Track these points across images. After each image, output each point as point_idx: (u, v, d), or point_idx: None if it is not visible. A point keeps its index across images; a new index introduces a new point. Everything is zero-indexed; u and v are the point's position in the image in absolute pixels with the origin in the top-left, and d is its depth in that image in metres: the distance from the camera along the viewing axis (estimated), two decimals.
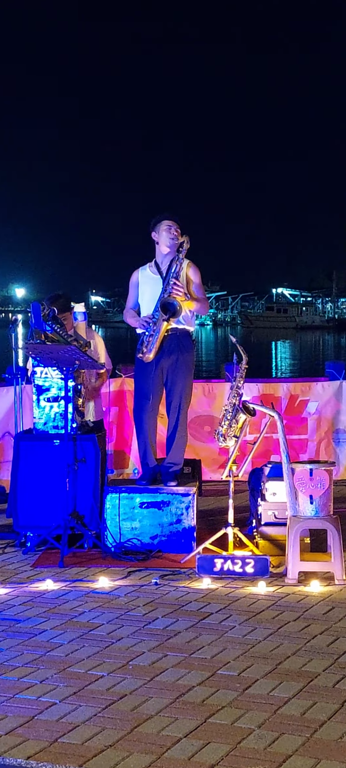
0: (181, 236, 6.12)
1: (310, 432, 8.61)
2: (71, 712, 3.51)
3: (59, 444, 6.11)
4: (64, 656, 4.12)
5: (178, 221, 6.20)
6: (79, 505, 6.11)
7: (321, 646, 4.22)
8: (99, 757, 3.15)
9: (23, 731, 3.35)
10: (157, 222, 6.20)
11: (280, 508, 5.81)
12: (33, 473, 6.20)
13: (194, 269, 6.19)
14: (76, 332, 6.36)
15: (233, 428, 5.76)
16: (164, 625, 4.53)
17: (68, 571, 5.55)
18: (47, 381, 6.19)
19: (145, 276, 6.26)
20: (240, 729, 3.36)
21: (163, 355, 6.08)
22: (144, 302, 6.22)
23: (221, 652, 4.17)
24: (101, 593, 5.09)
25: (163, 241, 6.16)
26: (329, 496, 5.40)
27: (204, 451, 8.44)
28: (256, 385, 8.63)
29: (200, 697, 3.66)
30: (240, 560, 5.40)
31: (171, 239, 6.13)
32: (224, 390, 8.34)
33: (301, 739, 3.27)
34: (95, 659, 4.08)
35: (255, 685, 3.77)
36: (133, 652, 4.17)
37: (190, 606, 4.86)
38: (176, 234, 6.14)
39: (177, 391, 6.12)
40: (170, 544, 5.94)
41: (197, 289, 6.20)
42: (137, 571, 5.55)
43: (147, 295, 6.19)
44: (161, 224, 6.18)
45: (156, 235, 6.21)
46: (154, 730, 3.36)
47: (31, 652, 4.17)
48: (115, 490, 6.05)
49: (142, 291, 6.25)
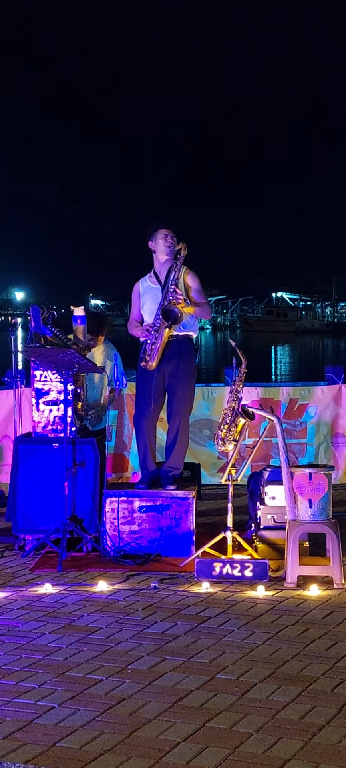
0: (177, 243, 6.13)
1: (309, 436, 8.61)
2: (70, 716, 3.51)
3: (58, 448, 6.10)
4: (63, 660, 4.12)
5: (174, 229, 6.21)
6: (78, 509, 6.10)
7: (320, 650, 4.22)
8: (97, 762, 3.14)
9: (21, 735, 3.35)
10: (153, 231, 6.20)
11: (279, 512, 5.81)
12: (32, 477, 6.19)
13: (192, 275, 6.20)
14: (75, 336, 6.36)
15: (233, 432, 5.75)
16: (163, 629, 4.53)
17: (67, 574, 5.55)
18: (47, 384, 6.19)
19: (145, 287, 6.28)
20: (239, 733, 3.35)
21: (164, 361, 6.09)
22: (146, 312, 6.23)
23: (219, 656, 4.16)
24: (100, 597, 5.08)
25: (161, 250, 6.17)
26: (328, 500, 5.40)
27: (203, 454, 8.44)
28: (255, 389, 8.63)
29: (198, 701, 3.66)
30: (239, 564, 5.40)
31: (168, 247, 6.14)
32: (224, 394, 8.34)
33: (300, 743, 3.26)
34: (94, 663, 4.08)
35: (254, 690, 3.77)
36: (132, 656, 4.17)
37: (189, 610, 4.85)
38: (173, 242, 6.15)
39: (178, 396, 6.12)
40: (169, 548, 5.94)
41: (196, 294, 6.20)
42: (136, 574, 5.54)
43: (148, 305, 6.20)
44: (158, 233, 6.19)
45: (153, 244, 6.22)
46: (152, 734, 3.36)
47: (30, 656, 4.17)
48: (114, 494, 6.05)
49: (143, 302, 6.26)
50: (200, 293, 6.26)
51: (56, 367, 6.05)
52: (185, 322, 6.11)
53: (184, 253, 6.08)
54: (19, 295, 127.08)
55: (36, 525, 6.13)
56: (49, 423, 6.21)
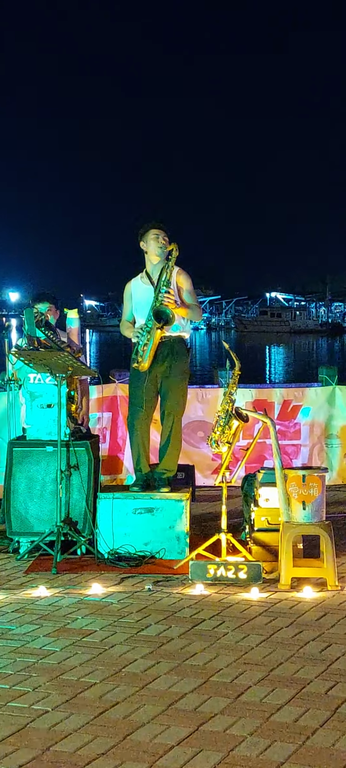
0: (169, 244, 6.12)
1: (303, 437, 8.63)
2: (63, 720, 3.50)
3: (52, 450, 6.10)
4: (57, 664, 4.12)
5: (165, 229, 6.20)
6: (73, 512, 6.10)
7: (314, 653, 4.23)
8: (91, 765, 3.14)
9: (15, 740, 3.34)
10: (144, 232, 6.20)
11: (273, 514, 5.81)
12: (26, 479, 6.19)
13: (185, 276, 6.19)
14: (69, 338, 6.36)
15: (226, 434, 5.76)
16: (157, 632, 4.53)
17: (61, 577, 5.54)
18: (40, 387, 6.19)
19: (137, 287, 6.27)
20: (233, 736, 3.36)
21: (156, 362, 6.08)
22: (138, 313, 6.23)
23: (213, 659, 4.17)
24: (94, 600, 5.08)
25: (152, 251, 6.17)
26: (321, 502, 5.41)
27: (197, 456, 8.44)
28: (249, 390, 8.64)
29: (192, 704, 3.66)
30: (233, 566, 5.40)
31: (159, 248, 6.14)
32: (218, 395, 8.34)
33: (293, 746, 3.27)
34: (88, 666, 4.08)
35: (248, 692, 3.77)
36: (126, 659, 4.17)
37: (183, 612, 4.86)
38: (164, 242, 6.14)
39: (171, 397, 6.12)
40: (163, 550, 5.94)
41: (188, 295, 6.20)
42: (130, 577, 5.55)
43: (141, 306, 6.19)
44: (149, 233, 6.18)
45: (144, 245, 6.22)
46: (146, 738, 3.36)
47: (24, 659, 4.16)
48: (108, 497, 6.05)
49: (135, 302, 6.26)
50: (192, 294, 6.25)
51: (50, 370, 6.05)
52: (178, 323, 6.10)
53: (175, 253, 6.08)
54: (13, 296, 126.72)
55: (30, 528, 6.13)
56: (42, 426, 6.20)
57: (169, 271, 6.07)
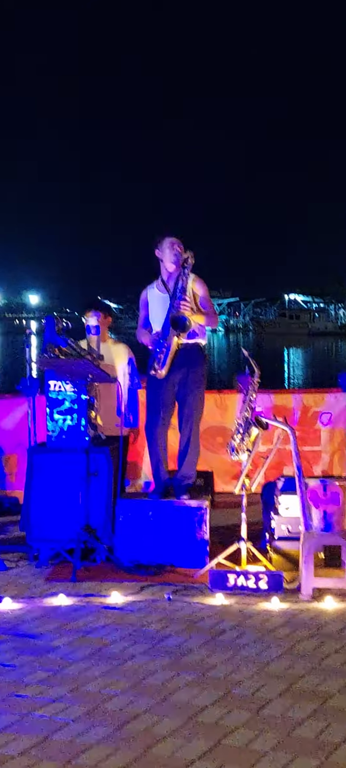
0: (184, 252, 6.12)
1: (323, 443, 8.57)
2: (84, 733, 3.50)
3: (72, 457, 6.10)
4: (77, 674, 4.11)
5: (181, 237, 6.21)
6: (92, 519, 6.10)
7: (336, 665, 4.19)
8: None
9: (36, 752, 3.34)
10: (160, 240, 6.21)
11: (293, 523, 5.78)
12: (46, 486, 6.20)
13: (200, 283, 6.19)
14: (89, 345, 6.36)
15: (246, 442, 5.74)
16: (177, 643, 4.52)
17: (81, 585, 5.54)
18: (60, 394, 6.20)
19: (153, 295, 6.29)
20: (254, 751, 3.33)
21: (174, 370, 6.09)
22: (155, 321, 6.24)
23: (234, 670, 4.15)
24: (114, 609, 5.07)
25: (168, 258, 6.17)
26: (342, 512, 5.37)
27: (216, 461, 8.40)
28: (268, 395, 8.60)
29: (213, 717, 3.64)
30: (253, 576, 5.38)
31: (175, 256, 6.14)
32: (236, 401, 8.32)
33: (315, 761, 3.24)
34: (108, 677, 4.07)
35: (269, 706, 3.75)
36: (146, 670, 4.16)
37: (203, 623, 4.84)
38: (180, 250, 6.15)
39: (188, 404, 6.12)
40: (183, 559, 5.92)
41: (204, 302, 6.20)
42: (150, 585, 5.53)
43: (157, 313, 6.20)
44: (164, 241, 6.19)
45: (160, 252, 6.23)
46: (167, 751, 3.34)
47: (44, 669, 4.16)
48: (127, 504, 6.04)
49: (151, 310, 6.27)
50: (208, 301, 6.25)
51: (70, 377, 6.06)
52: (194, 330, 6.11)
53: (191, 261, 6.08)
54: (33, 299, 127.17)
55: (50, 534, 6.13)
56: (63, 432, 6.22)
57: (185, 278, 6.08)
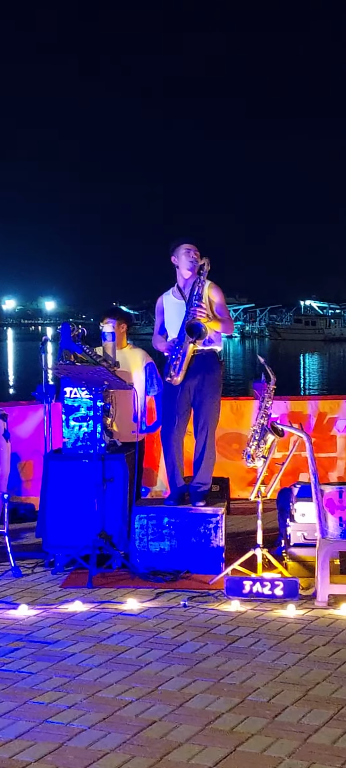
0: (200, 258, 6.13)
1: (339, 450, 8.55)
2: (100, 739, 3.51)
3: (88, 464, 6.12)
4: (93, 681, 4.12)
5: (196, 244, 6.21)
6: (108, 525, 6.11)
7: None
8: None
9: (53, 759, 3.35)
10: (176, 246, 6.22)
11: (309, 530, 5.76)
12: (62, 493, 6.22)
13: (216, 290, 6.20)
14: (105, 352, 6.38)
15: (262, 449, 5.73)
16: (193, 649, 4.52)
17: (97, 592, 5.56)
18: (76, 401, 6.23)
19: (169, 302, 6.30)
20: (270, 758, 3.33)
21: (189, 376, 6.10)
22: (171, 328, 6.25)
23: (250, 677, 4.14)
24: (130, 615, 5.08)
25: (184, 265, 6.18)
26: None
27: (232, 468, 8.39)
28: (284, 402, 8.59)
29: (229, 724, 3.64)
30: (269, 582, 5.37)
31: (191, 262, 6.15)
32: (252, 407, 8.31)
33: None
34: (124, 684, 4.08)
35: (285, 713, 3.74)
36: (162, 677, 4.16)
37: (219, 629, 4.83)
38: (196, 257, 6.15)
39: (204, 411, 6.12)
40: (199, 565, 5.92)
41: (220, 309, 6.21)
42: (166, 592, 5.54)
43: (173, 320, 6.22)
44: (180, 248, 6.20)
45: (176, 259, 6.23)
46: (183, 758, 3.34)
47: (60, 676, 4.18)
48: (143, 510, 6.05)
49: (167, 317, 6.28)
50: (223, 308, 6.26)
51: (86, 384, 6.08)
52: (210, 337, 6.11)
53: (207, 268, 6.09)
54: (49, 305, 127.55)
55: (66, 541, 6.15)
56: (78, 439, 6.24)
57: (201, 285, 6.09)
